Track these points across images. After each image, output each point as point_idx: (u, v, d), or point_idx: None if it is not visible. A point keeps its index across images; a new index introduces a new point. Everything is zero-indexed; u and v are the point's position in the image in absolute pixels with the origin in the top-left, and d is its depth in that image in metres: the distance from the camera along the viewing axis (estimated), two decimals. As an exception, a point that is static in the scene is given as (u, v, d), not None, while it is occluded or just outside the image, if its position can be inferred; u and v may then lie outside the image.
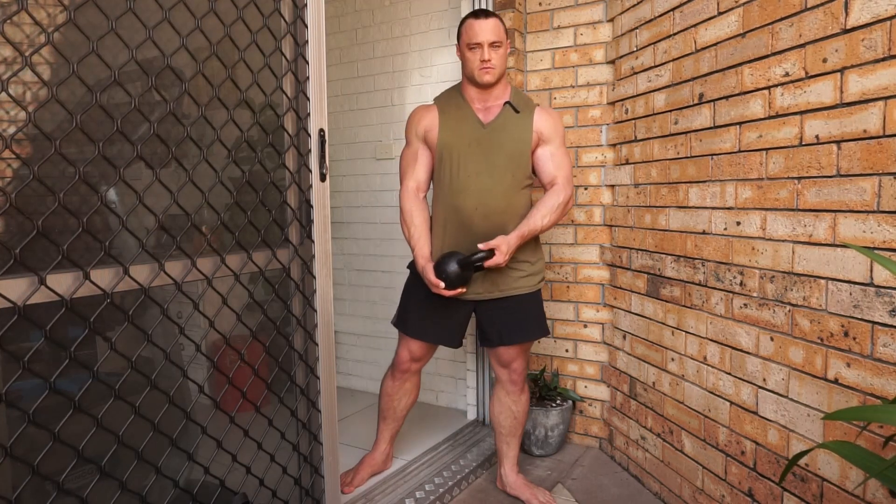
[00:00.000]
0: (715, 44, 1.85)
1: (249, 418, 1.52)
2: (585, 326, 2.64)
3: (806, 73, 1.52)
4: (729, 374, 1.83)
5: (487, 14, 2.00)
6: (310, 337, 1.69)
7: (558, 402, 2.62)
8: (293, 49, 1.60)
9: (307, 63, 1.61)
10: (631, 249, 2.37)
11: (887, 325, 1.32)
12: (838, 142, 1.43)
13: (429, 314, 2.09)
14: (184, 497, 1.37)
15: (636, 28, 2.28)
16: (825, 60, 1.46)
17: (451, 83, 2.91)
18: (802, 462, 1.56)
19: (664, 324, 2.15)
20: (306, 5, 1.60)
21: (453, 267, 1.90)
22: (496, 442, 2.27)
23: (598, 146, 2.56)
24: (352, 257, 3.37)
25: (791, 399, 1.59)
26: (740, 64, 1.74)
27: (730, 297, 1.81)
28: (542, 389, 2.64)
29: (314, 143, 1.65)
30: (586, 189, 2.60)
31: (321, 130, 1.66)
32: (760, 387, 1.70)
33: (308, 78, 1.62)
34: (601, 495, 2.26)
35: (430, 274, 1.94)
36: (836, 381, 1.45)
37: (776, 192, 1.63)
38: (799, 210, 1.55)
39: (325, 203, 1.70)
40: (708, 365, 1.92)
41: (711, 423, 1.92)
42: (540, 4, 2.63)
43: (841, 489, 1.45)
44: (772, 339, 1.65)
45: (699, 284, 1.95)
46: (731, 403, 1.82)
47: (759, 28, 1.66)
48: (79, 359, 1.15)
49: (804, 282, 1.54)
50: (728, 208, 1.81)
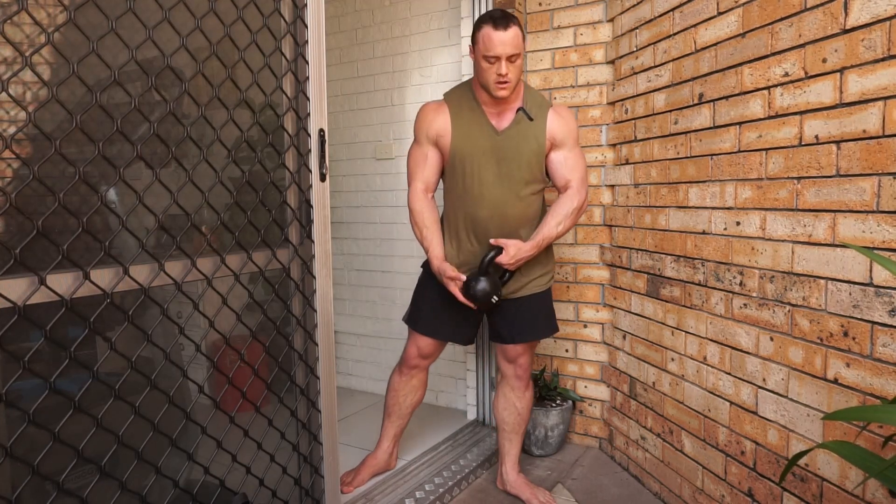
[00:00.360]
0: (715, 44, 1.85)
1: (249, 418, 1.52)
2: (585, 326, 2.65)
3: (805, 74, 1.52)
4: (729, 374, 1.83)
5: (507, 23, 1.84)
6: (310, 337, 1.69)
7: (558, 402, 2.62)
8: (293, 49, 1.60)
9: (307, 63, 1.61)
10: (631, 249, 2.37)
11: (887, 325, 1.32)
12: (838, 142, 1.43)
13: (441, 313, 2.12)
14: (184, 497, 1.38)
15: (636, 28, 2.28)
16: (825, 60, 1.46)
17: (451, 83, 2.91)
18: (802, 462, 1.56)
19: (664, 324, 2.15)
20: (306, 5, 1.60)
21: (481, 284, 1.93)
22: (498, 439, 2.28)
23: (598, 146, 2.57)
24: (352, 257, 3.37)
25: (791, 399, 1.59)
26: (740, 64, 1.74)
27: (729, 297, 1.81)
28: (542, 389, 2.64)
29: (314, 143, 1.65)
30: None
31: (321, 130, 1.66)
32: (760, 387, 1.70)
33: (308, 78, 1.62)
34: (601, 495, 2.26)
35: (448, 274, 1.95)
36: (836, 381, 1.45)
37: (776, 192, 1.63)
38: (798, 210, 1.55)
39: (325, 203, 1.70)
40: (708, 365, 1.92)
41: (711, 423, 1.92)
42: (540, 4, 2.63)
43: (841, 489, 1.45)
44: (771, 339, 1.65)
45: (699, 284, 1.95)
46: (731, 403, 1.82)
47: (759, 28, 1.67)
48: (79, 359, 1.15)
49: (804, 282, 1.54)
50: (728, 208, 1.81)
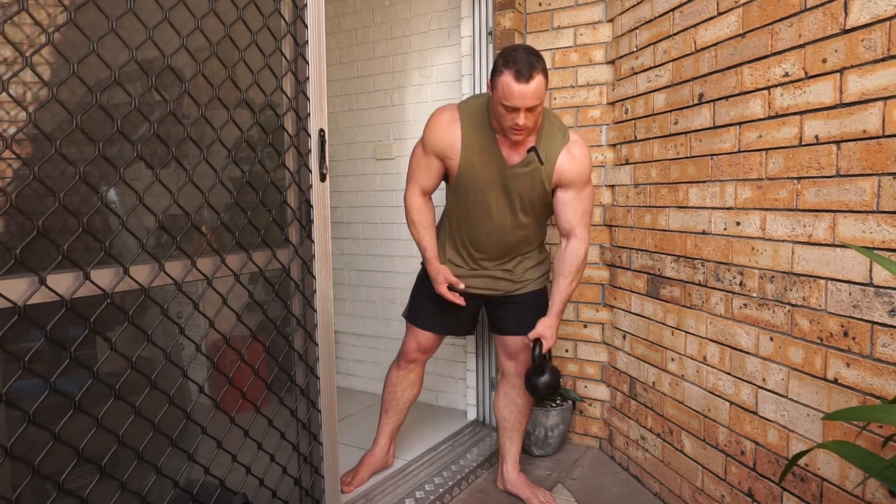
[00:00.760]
0: (715, 44, 1.85)
1: (249, 418, 1.52)
2: (585, 326, 2.65)
3: (805, 74, 1.52)
4: (729, 374, 1.83)
5: (531, 74, 1.69)
6: (310, 337, 1.69)
7: (558, 402, 2.62)
8: (293, 49, 1.60)
9: (307, 63, 1.61)
10: (631, 249, 2.37)
11: (887, 325, 1.32)
12: (838, 142, 1.43)
13: (440, 307, 2.14)
14: (184, 497, 1.37)
15: (636, 28, 2.28)
16: (825, 61, 1.46)
17: (451, 83, 2.92)
18: (802, 462, 1.56)
19: (664, 324, 2.15)
20: (306, 5, 1.60)
21: (544, 379, 1.95)
22: (499, 438, 2.28)
23: (598, 146, 2.56)
24: (352, 257, 3.37)
25: (791, 399, 1.59)
26: (740, 64, 1.74)
27: (729, 298, 1.81)
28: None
29: (314, 144, 1.65)
30: (586, 189, 2.61)
31: (321, 130, 1.66)
32: (760, 387, 1.70)
33: (308, 78, 1.62)
34: (601, 495, 2.26)
35: (441, 276, 2.03)
36: (836, 381, 1.45)
37: (776, 193, 1.63)
38: (798, 210, 1.55)
39: (325, 203, 1.70)
40: (708, 365, 1.92)
41: (711, 423, 1.92)
42: (540, 4, 2.63)
43: (840, 489, 1.45)
44: (771, 339, 1.65)
45: (699, 284, 1.95)
46: (731, 403, 1.82)
47: (759, 28, 1.67)
48: (79, 359, 1.15)
49: (804, 282, 1.54)
50: (728, 208, 1.81)
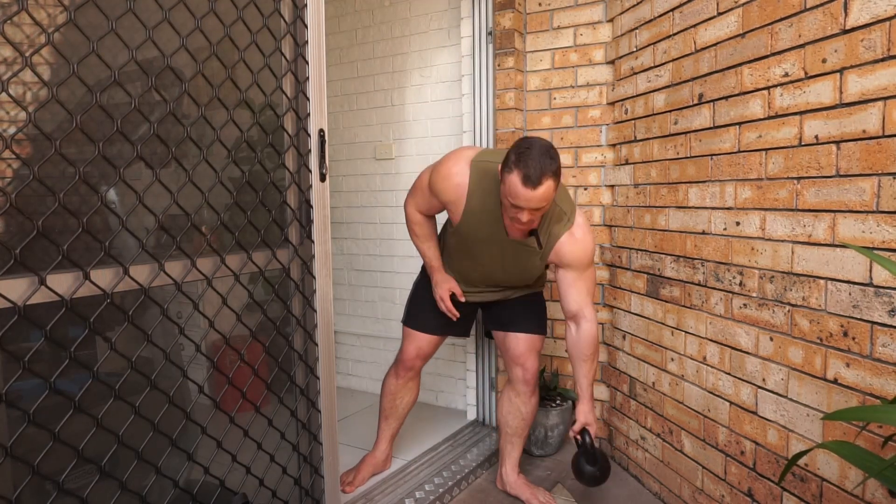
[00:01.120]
0: (714, 44, 1.85)
1: (249, 418, 1.52)
2: (585, 326, 2.64)
3: (805, 74, 1.52)
4: (728, 375, 1.83)
5: (540, 179, 1.62)
6: (310, 337, 1.69)
7: (558, 403, 2.62)
8: (293, 49, 1.60)
9: (307, 63, 1.61)
10: (631, 249, 2.37)
11: (886, 325, 1.32)
12: (838, 142, 1.43)
13: (438, 310, 2.15)
14: (184, 497, 1.38)
15: (636, 28, 2.28)
16: (824, 61, 1.46)
17: (451, 83, 2.92)
18: (802, 462, 1.56)
19: (664, 324, 2.15)
20: (306, 5, 1.60)
21: (589, 470, 1.97)
22: (500, 441, 2.28)
23: (598, 146, 2.57)
24: (352, 257, 3.37)
25: (790, 399, 1.59)
26: (740, 64, 1.74)
27: (729, 298, 1.81)
28: (542, 390, 2.63)
29: (314, 144, 1.65)
30: (586, 189, 2.61)
31: (321, 130, 1.66)
32: (760, 387, 1.70)
33: (308, 78, 1.62)
34: (601, 495, 2.26)
35: (446, 285, 2.08)
36: (836, 381, 1.45)
37: (776, 193, 1.63)
38: (798, 210, 1.55)
39: (325, 203, 1.70)
40: (707, 365, 1.92)
41: (711, 423, 1.92)
42: (540, 4, 2.63)
43: (840, 489, 1.45)
44: (771, 340, 1.65)
45: (699, 284, 1.95)
46: (731, 403, 1.82)
47: (759, 28, 1.67)
48: (79, 359, 1.15)
49: (803, 282, 1.54)
50: (728, 208, 1.81)
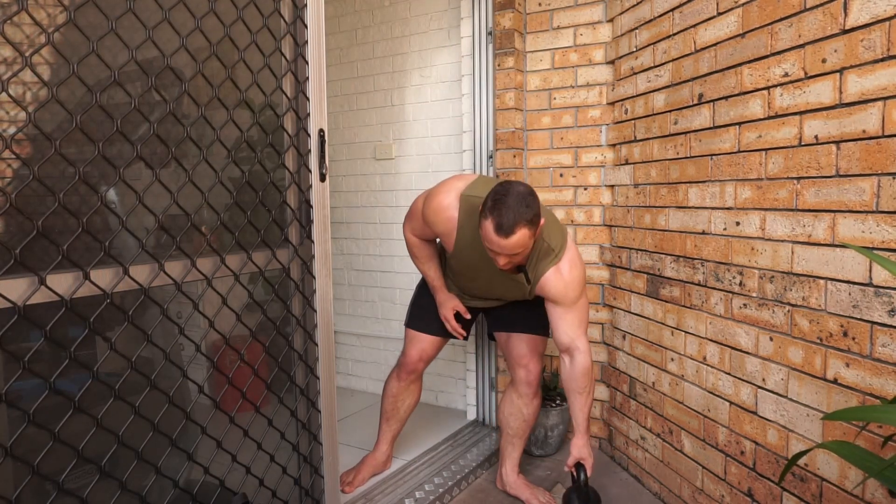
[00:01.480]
0: (714, 44, 1.85)
1: (249, 418, 1.52)
2: (585, 326, 2.64)
3: (805, 74, 1.52)
4: (728, 374, 1.83)
5: (512, 229, 1.64)
6: (309, 337, 1.69)
7: (558, 403, 2.62)
8: (293, 49, 1.60)
9: (307, 63, 1.61)
10: (630, 249, 2.37)
11: (886, 325, 1.32)
12: (837, 142, 1.43)
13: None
14: (184, 497, 1.38)
15: (636, 28, 2.28)
16: (824, 61, 1.46)
17: (451, 83, 2.92)
18: (802, 462, 1.56)
19: (664, 324, 2.15)
20: (306, 5, 1.60)
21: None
22: (501, 442, 2.28)
23: (598, 146, 2.57)
24: (352, 257, 3.37)
25: (790, 399, 1.59)
26: (740, 64, 1.74)
27: (729, 298, 1.81)
28: (542, 390, 2.62)
29: (314, 144, 1.65)
30: (586, 189, 2.61)
31: (321, 130, 1.66)
32: (760, 387, 1.70)
33: (308, 78, 1.62)
34: (601, 495, 2.25)
35: (449, 304, 2.13)
36: (836, 381, 1.45)
37: (775, 193, 1.63)
38: (798, 210, 1.55)
39: (325, 203, 1.70)
40: (707, 365, 1.92)
41: (711, 423, 1.92)
42: (540, 4, 2.63)
43: (840, 489, 1.45)
44: (771, 339, 1.65)
45: (699, 284, 1.95)
46: (731, 403, 1.82)
47: (759, 28, 1.67)
48: (79, 359, 1.15)
49: (803, 282, 1.54)
50: (727, 208, 1.81)
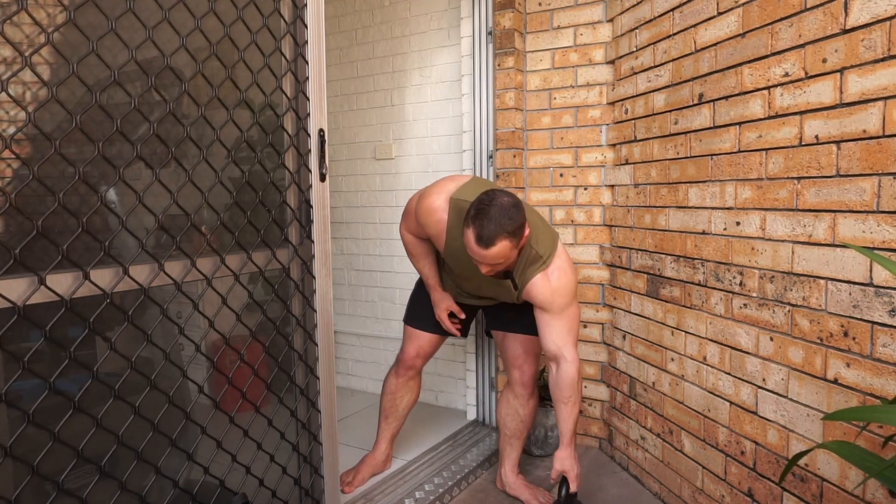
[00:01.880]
0: (715, 44, 1.85)
1: (249, 418, 1.52)
2: (585, 326, 2.64)
3: (805, 74, 1.52)
4: (729, 375, 1.83)
5: (492, 241, 1.64)
6: (309, 337, 1.69)
7: (558, 402, 2.62)
8: (293, 49, 1.60)
9: (307, 63, 1.61)
10: (631, 249, 2.37)
11: (887, 325, 1.32)
12: (838, 142, 1.43)
13: None
14: (184, 497, 1.37)
15: (636, 28, 2.28)
16: (825, 61, 1.46)
17: (451, 83, 2.92)
18: (802, 462, 1.56)
19: (664, 324, 2.15)
20: (306, 5, 1.60)
21: None
22: (499, 442, 2.28)
23: (598, 146, 2.56)
24: (352, 257, 3.37)
25: (791, 399, 1.59)
26: (740, 64, 1.74)
27: (729, 298, 1.81)
28: (542, 390, 2.63)
29: (314, 143, 1.65)
30: (586, 189, 2.61)
31: (321, 130, 1.66)
32: (760, 387, 1.70)
33: (308, 78, 1.62)
34: (601, 495, 2.26)
35: (443, 304, 2.14)
36: (836, 381, 1.45)
37: (776, 192, 1.63)
38: (798, 210, 1.55)
39: (325, 203, 1.70)
40: (708, 365, 1.92)
41: (711, 424, 1.92)
42: (540, 4, 2.63)
43: (841, 489, 1.45)
44: (771, 340, 1.65)
45: (699, 284, 1.95)
46: (731, 403, 1.82)
47: (759, 28, 1.66)
48: (79, 359, 1.15)
49: (804, 282, 1.54)
50: (728, 208, 1.81)
